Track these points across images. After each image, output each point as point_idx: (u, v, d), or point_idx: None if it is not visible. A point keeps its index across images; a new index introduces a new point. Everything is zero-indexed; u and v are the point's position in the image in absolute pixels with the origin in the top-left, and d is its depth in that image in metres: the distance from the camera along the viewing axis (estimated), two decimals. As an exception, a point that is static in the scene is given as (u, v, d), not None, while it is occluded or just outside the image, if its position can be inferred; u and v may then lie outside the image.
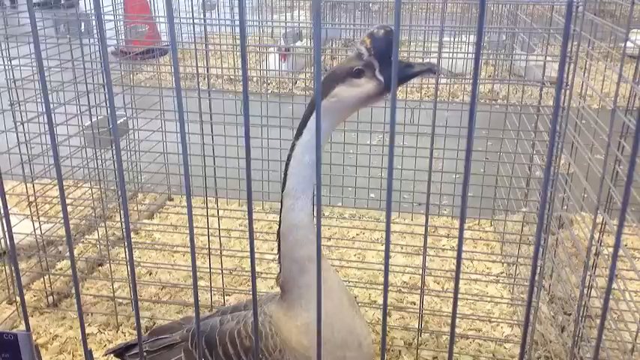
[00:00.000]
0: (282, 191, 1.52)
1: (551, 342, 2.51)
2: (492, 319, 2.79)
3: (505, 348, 2.62)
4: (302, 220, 1.51)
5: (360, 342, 1.60)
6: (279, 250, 1.59)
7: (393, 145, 0.68)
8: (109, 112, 2.95)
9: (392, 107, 0.67)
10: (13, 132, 2.83)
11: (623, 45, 1.83)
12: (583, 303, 2.01)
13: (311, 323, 1.54)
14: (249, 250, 0.83)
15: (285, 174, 1.51)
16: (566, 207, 2.60)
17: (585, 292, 1.99)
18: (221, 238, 2.81)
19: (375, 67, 1.39)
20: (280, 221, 1.55)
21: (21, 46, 2.82)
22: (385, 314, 0.79)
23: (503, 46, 4.17)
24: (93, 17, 2.99)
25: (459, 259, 0.69)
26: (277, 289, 1.69)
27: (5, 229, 2.73)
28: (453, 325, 0.73)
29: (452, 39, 4.97)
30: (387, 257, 0.74)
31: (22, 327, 2.71)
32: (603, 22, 2.09)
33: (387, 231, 0.70)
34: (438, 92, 2.22)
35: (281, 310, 1.62)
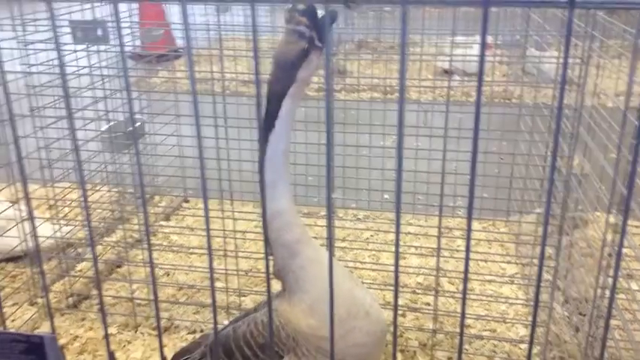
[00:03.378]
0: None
1: (566, 342, 2.51)
2: (507, 320, 2.79)
3: (520, 349, 2.62)
4: (283, 205, 1.59)
5: (366, 310, 1.63)
6: (266, 241, 1.65)
7: (402, 142, 0.71)
8: (125, 116, 3.00)
9: (399, 109, 0.69)
10: (33, 137, 2.89)
11: (634, 44, 1.83)
12: (596, 304, 2.01)
13: (314, 303, 1.59)
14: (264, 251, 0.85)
15: (261, 170, 1.58)
16: (580, 207, 2.60)
17: (599, 292, 1.99)
18: (237, 240, 2.85)
19: (315, 38, 1.51)
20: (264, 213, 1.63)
21: (39, 52, 2.88)
22: (396, 314, 0.82)
23: (517, 46, 4.16)
24: (110, 24, 3.04)
25: (466, 257, 0.71)
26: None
27: (27, 232, 2.77)
28: (462, 323, 0.75)
29: (465, 39, 4.96)
30: (396, 254, 0.76)
31: (44, 328, 2.77)
32: (612, 22, 2.09)
33: (397, 231, 0.72)
34: (453, 92, 2.24)
35: (284, 301, 1.67)
